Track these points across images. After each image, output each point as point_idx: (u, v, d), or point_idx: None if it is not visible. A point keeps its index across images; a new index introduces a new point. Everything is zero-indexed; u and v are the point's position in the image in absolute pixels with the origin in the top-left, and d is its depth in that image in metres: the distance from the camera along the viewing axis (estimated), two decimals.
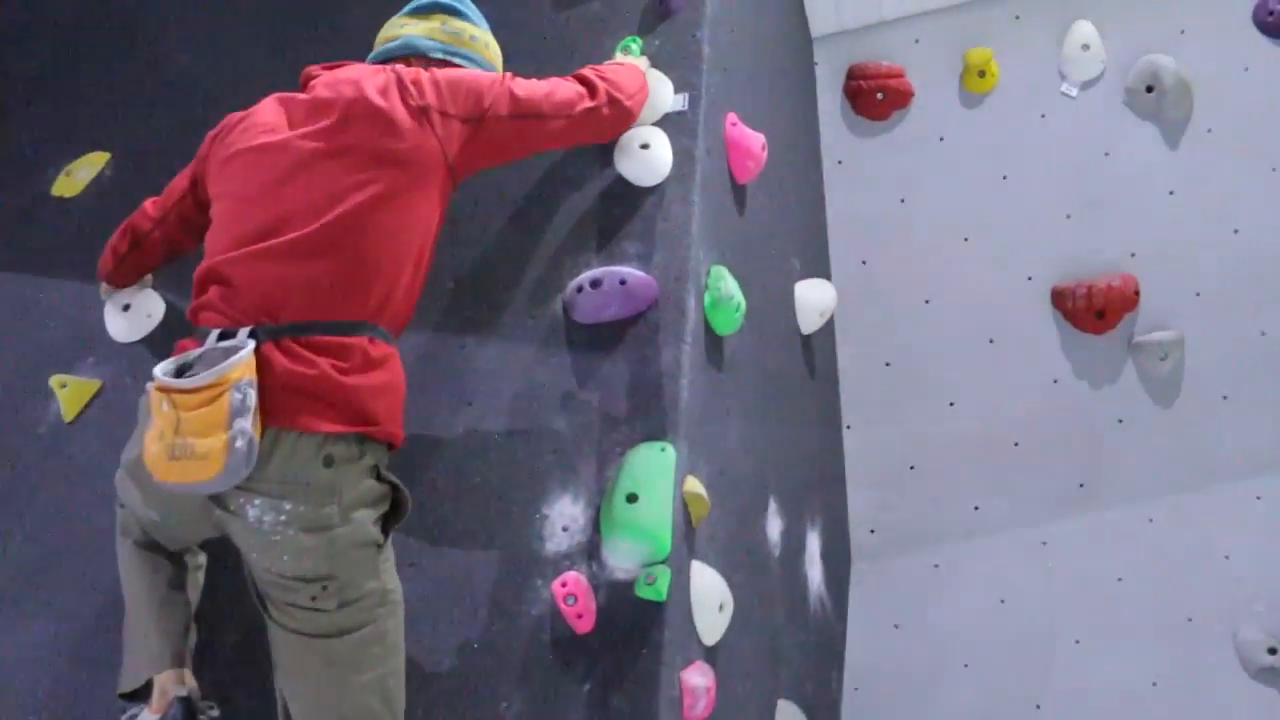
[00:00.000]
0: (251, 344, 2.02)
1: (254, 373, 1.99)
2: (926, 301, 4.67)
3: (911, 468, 4.59)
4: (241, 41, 3.57)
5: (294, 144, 2.23)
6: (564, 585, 2.29)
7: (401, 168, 2.21)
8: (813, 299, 3.80)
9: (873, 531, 4.59)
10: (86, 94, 3.71)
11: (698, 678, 2.31)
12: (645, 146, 2.74)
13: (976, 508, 4.53)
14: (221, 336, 2.07)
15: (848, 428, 4.67)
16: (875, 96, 4.75)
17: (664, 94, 2.84)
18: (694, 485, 2.44)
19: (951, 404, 4.60)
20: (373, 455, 2.13)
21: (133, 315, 2.95)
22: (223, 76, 3.50)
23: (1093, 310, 4.45)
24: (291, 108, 2.33)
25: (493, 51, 2.64)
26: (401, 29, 2.55)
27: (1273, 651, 4.00)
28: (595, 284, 2.61)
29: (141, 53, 3.71)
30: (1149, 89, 4.57)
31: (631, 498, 2.33)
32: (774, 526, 3.19)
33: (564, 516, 2.42)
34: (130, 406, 2.85)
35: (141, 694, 2.24)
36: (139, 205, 2.71)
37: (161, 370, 2.03)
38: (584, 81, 2.52)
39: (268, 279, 2.11)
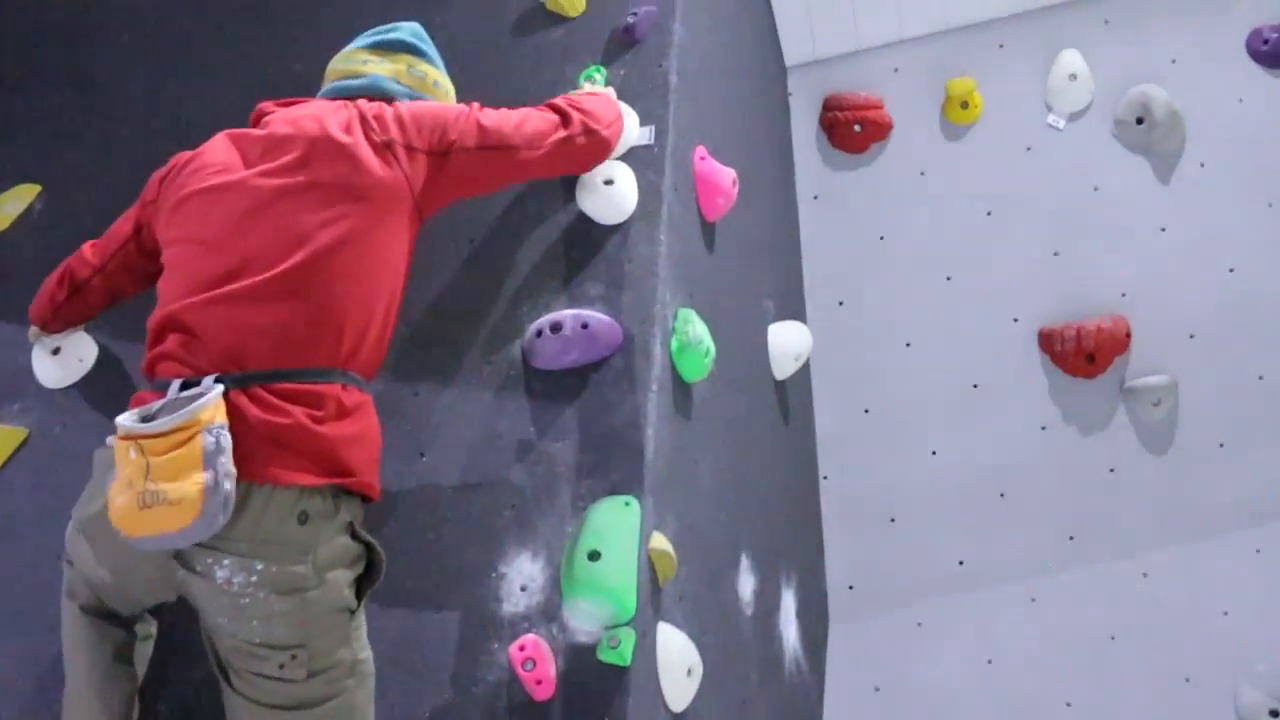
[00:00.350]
0: (219, 388, 2.00)
1: (225, 417, 1.97)
2: (907, 344, 4.71)
3: (892, 520, 4.61)
4: (181, 70, 3.57)
5: (253, 182, 2.22)
6: (522, 649, 2.28)
7: (368, 205, 2.21)
8: (787, 343, 3.82)
9: (851, 588, 4.59)
10: (16, 122, 3.69)
11: None
12: (609, 182, 2.75)
13: (961, 562, 4.55)
14: (184, 386, 2.05)
15: (824, 478, 4.68)
16: (853, 128, 4.80)
17: (629, 126, 2.84)
18: (660, 542, 2.44)
19: (934, 453, 4.63)
20: (348, 511, 2.12)
21: (63, 359, 2.91)
22: (162, 105, 3.49)
23: (1082, 353, 4.49)
24: (245, 145, 2.32)
25: (451, 100, 2.66)
26: (365, 65, 2.55)
27: (1275, 714, 4.03)
28: (556, 328, 2.61)
29: (75, 80, 3.71)
30: (1139, 121, 4.65)
31: (594, 555, 2.32)
32: (746, 584, 3.20)
33: (522, 575, 2.41)
34: (59, 456, 2.84)
35: None
36: (72, 241, 2.70)
37: (124, 419, 2.00)
38: (557, 111, 2.53)
39: (233, 325, 2.10)
